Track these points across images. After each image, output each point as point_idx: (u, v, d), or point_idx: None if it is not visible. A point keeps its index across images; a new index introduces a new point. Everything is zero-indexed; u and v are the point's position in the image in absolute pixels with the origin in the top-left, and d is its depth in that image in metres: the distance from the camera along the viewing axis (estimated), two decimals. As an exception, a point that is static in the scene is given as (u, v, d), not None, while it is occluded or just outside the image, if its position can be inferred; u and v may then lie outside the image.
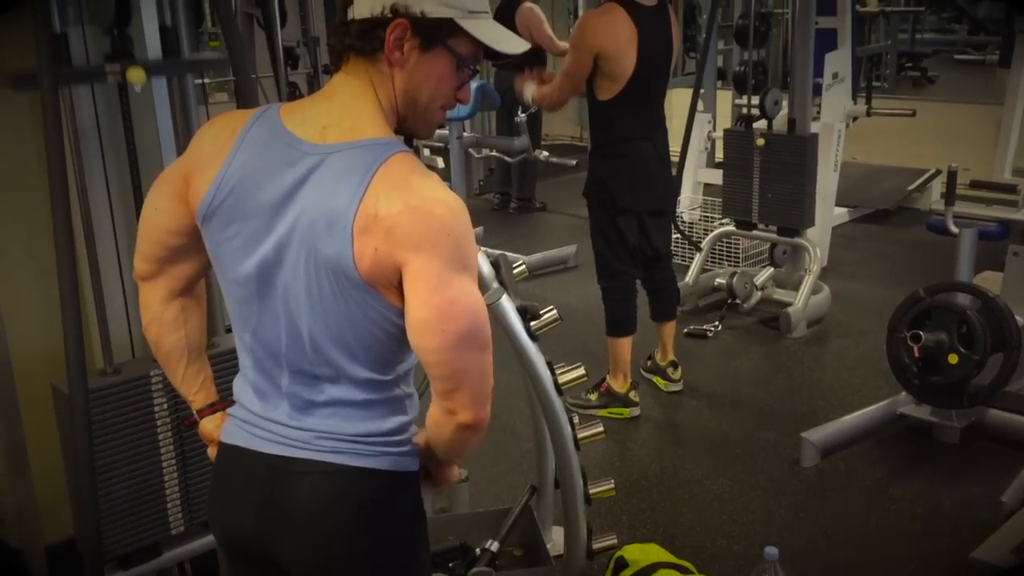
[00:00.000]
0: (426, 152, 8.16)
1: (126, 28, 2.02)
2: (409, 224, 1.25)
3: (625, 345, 3.74)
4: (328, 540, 1.36)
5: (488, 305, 2.25)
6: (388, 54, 1.34)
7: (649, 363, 4.04)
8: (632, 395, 3.77)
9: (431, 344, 1.29)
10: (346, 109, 1.35)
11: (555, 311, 2.31)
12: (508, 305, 2.26)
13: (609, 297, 3.75)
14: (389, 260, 1.26)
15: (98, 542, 1.83)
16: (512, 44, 1.40)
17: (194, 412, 1.58)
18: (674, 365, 3.95)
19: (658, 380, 3.98)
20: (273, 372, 1.40)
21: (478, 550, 2.58)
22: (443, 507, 2.87)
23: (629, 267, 3.69)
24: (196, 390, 1.56)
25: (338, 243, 1.27)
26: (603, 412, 3.74)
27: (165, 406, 2.12)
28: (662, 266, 3.83)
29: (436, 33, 1.34)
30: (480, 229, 5.96)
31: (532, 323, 2.30)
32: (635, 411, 3.77)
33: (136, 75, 1.95)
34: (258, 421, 1.41)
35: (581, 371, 2.38)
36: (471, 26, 1.35)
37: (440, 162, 5.84)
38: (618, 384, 3.76)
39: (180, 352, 1.54)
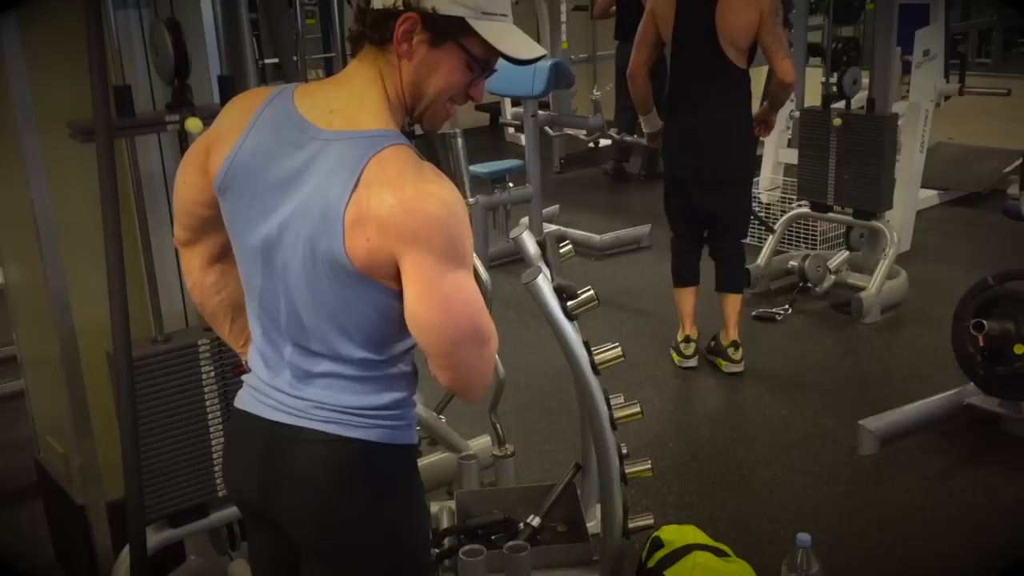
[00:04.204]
0: (510, 130, 8.22)
1: (186, 79, 2.14)
2: (400, 219, 1.27)
3: (681, 295, 3.97)
4: (319, 507, 1.42)
5: (525, 284, 2.29)
6: (396, 46, 1.36)
7: (712, 343, 4.01)
8: (683, 347, 3.95)
9: (429, 340, 1.34)
10: (353, 96, 1.39)
11: (592, 291, 2.32)
12: (545, 284, 2.28)
13: (671, 248, 4.01)
14: (383, 251, 1.29)
15: (140, 500, 1.94)
16: (524, 49, 1.40)
17: (243, 362, 1.66)
18: (735, 345, 3.91)
19: (720, 361, 3.94)
20: (277, 342, 1.46)
21: (521, 524, 2.63)
22: (491, 481, 2.93)
23: (680, 227, 3.95)
24: (243, 343, 1.65)
25: (331, 235, 1.31)
26: (675, 357, 4.00)
27: (212, 374, 2.22)
28: (727, 236, 3.90)
29: (446, 30, 1.36)
30: (556, 207, 5.98)
31: (569, 303, 2.32)
32: (684, 362, 3.95)
33: (193, 124, 2.06)
34: (264, 388, 1.48)
35: (618, 351, 2.38)
36: (483, 28, 1.36)
37: (524, 140, 5.87)
38: (678, 333, 3.98)
39: (224, 311, 1.64)
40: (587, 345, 2.36)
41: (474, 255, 1.44)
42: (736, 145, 3.79)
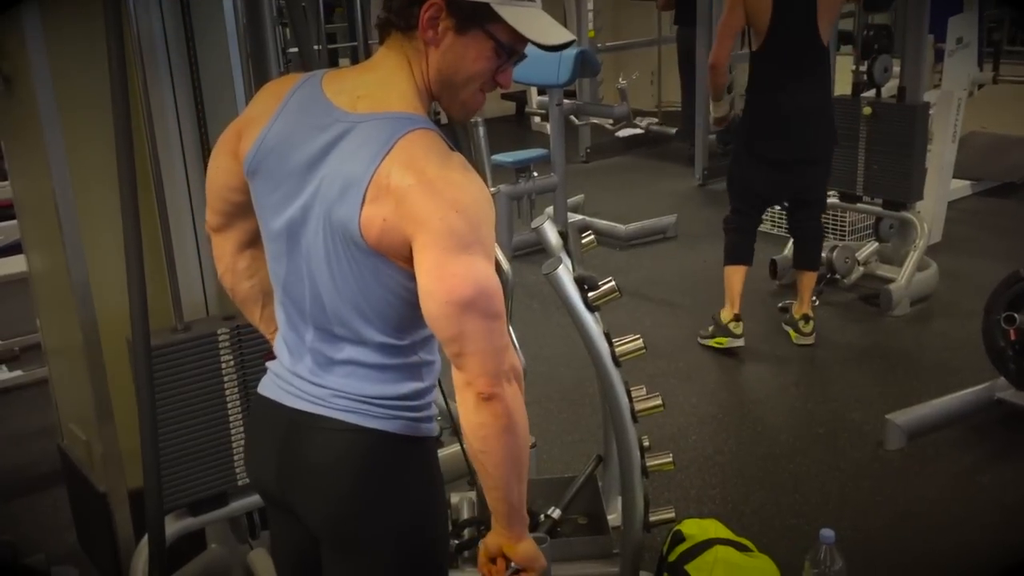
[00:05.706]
0: (536, 119, 8.18)
1: None
2: (418, 199, 1.27)
3: (732, 274, 3.96)
4: (335, 495, 1.41)
5: (545, 274, 2.27)
6: (422, 33, 1.35)
7: (787, 315, 4.14)
8: (732, 326, 3.92)
9: (434, 311, 1.30)
10: (381, 82, 1.39)
11: (613, 282, 2.29)
12: (565, 275, 2.26)
13: (726, 227, 4.04)
14: (397, 232, 1.29)
15: (158, 489, 1.95)
16: (552, 35, 1.37)
17: (273, 348, 1.65)
18: (806, 319, 4.01)
19: (792, 333, 4.07)
20: (300, 327, 1.46)
21: (542, 516, 2.62)
22: (512, 472, 2.91)
23: (744, 207, 3.98)
24: (274, 329, 1.63)
25: (349, 208, 1.30)
26: (711, 342, 3.97)
27: (232, 363, 2.22)
28: (809, 213, 3.99)
29: (471, 16, 1.34)
30: (581, 197, 5.94)
31: (590, 294, 2.30)
32: (733, 342, 3.92)
33: None
34: (286, 375, 1.48)
35: (640, 342, 2.35)
36: (508, 13, 1.34)
37: (549, 129, 5.83)
38: (724, 313, 3.95)
39: (255, 297, 1.64)
40: (608, 336, 2.34)
41: (496, 245, 1.41)
42: (826, 124, 3.89)
